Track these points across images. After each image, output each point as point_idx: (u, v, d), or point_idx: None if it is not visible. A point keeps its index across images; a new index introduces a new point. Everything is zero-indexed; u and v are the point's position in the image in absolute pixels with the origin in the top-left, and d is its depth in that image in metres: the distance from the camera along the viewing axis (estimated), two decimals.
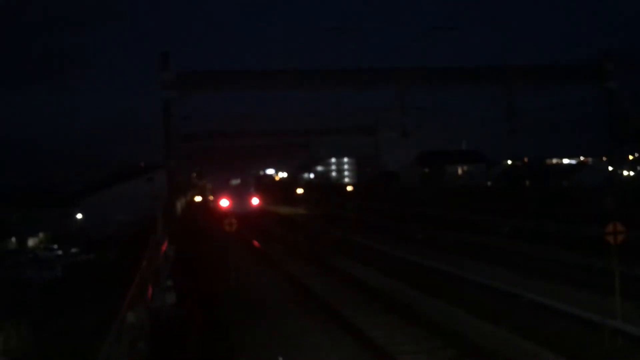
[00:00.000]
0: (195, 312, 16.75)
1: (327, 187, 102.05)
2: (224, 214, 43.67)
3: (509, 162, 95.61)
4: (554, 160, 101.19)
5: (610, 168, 44.35)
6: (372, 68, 36.83)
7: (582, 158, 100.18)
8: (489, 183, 78.48)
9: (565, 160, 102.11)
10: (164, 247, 26.15)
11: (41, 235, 51.54)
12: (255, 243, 34.49)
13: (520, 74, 36.41)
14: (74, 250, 45.24)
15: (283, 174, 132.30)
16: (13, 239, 49.29)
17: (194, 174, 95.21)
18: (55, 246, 46.43)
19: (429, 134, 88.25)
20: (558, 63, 37.94)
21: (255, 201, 52.45)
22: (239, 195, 53.12)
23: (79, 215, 54.59)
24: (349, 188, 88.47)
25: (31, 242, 50.30)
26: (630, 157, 73.59)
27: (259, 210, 52.10)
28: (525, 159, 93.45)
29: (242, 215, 40.49)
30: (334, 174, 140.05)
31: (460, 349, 12.72)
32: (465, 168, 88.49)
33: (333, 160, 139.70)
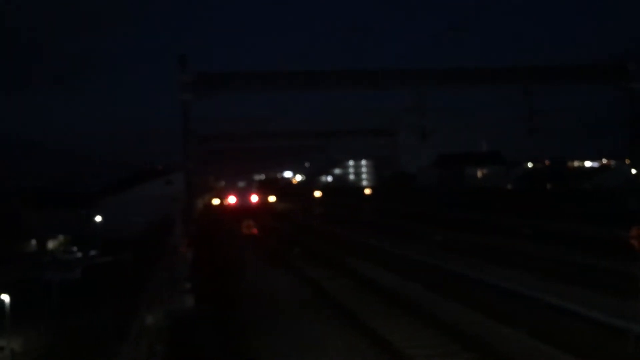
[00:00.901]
0: (212, 314, 16.72)
1: (344, 190, 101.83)
2: (234, 210, 55.37)
3: (530, 164, 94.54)
4: (576, 163, 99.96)
5: (633, 170, 43.64)
6: (389, 69, 36.66)
7: (604, 160, 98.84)
8: (509, 185, 77.67)
9: (587, 163, 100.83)
10: (182, 249, 26.21)
11: (61, 237, 51.99)
12: (272, 245, 34.44)
13: (539, 74, 35.96)
14: (92, 252, 45.57)
15: (300, 177, 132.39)
16: (33, 241, 49.78)
17: (212, 177, 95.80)
18: (75, 248, 46.80)
19: (448, 135, 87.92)
20: (579, 63, 37.29)
21: (254, 198, 64.30)
22: (243, 194, 65.85)
23: (99, 217, 54.99)
24: (367, 191, 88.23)
25: (51, 244, 50.76)
26: None
27: (257, 206, 62.98)
28: (547, 161, 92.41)
29: (258, 215, 43.56)
30: (351, 176, 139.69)
31: (479, 353, 12.53)
32: (484, 170, 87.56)
33: (351, 162, 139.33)
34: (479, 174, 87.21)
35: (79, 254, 45.25)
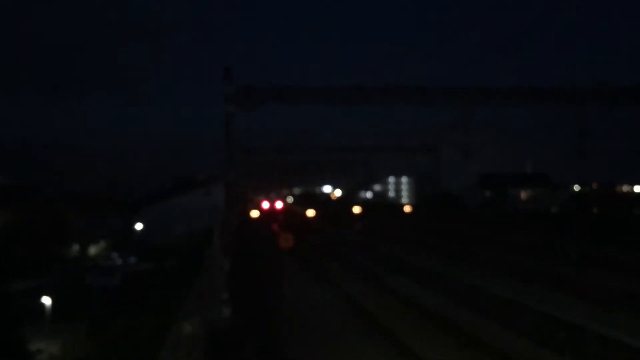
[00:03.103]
0: (249, 326, 16.57)
1: (384, 207, 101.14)
2: (264, 214, 69.35)
3: (577, 187, 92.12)
4: (625, 188, 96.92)
5: None
6: (434, 85, 36.25)
7: None
8: (553, 208, 75.85)
9: (638, 188, 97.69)
10: (220, 259, 26.20)
11: (102, 243, 52.83)
12: (310, 260, 34.24)
13: (591, 94, 34.99)
14: (132, 259, 46.17)
15: (340, 192, 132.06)
16: (76, 246, 50.69)
17: (251, 189, 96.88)
18: (116, 254, 47.49)
19: (493, 154, 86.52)
20: (633, 83, 36.14)
21: (279, 205, 79.72)
22: (272, 202, 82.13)
23: (139, 225, 55.75)
24: (407, 208, 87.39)
25: (92, 249, 51.60)
26: None
27: (282, 210, 77.33)
28: (594, 185, 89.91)
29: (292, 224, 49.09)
30: (391, 193, 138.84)
31: None
32: (529, 192, 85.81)
33: (391, 179, 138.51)
34: (523, 195, 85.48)
35: (119, 261, 45.89)
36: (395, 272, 28.29)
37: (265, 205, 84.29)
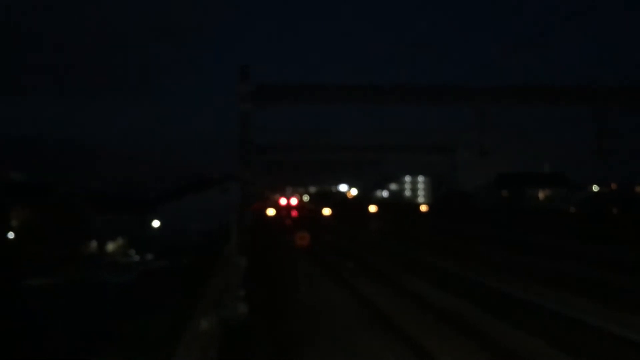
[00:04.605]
0: (265, 324, 16.65)
1: (400, 206, 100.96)
2: (281, 209, 75.38)
3: (596, 187, 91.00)
4: None
5: None
6: (451, 85, 35.89)
7: None
8: (572, 208, 75.08)
9: None
10: (236, 257, 26.30)
11: (120, 240, 53.35)
12: (325, 259, 34.26)
13: (610, 94, 34.48)
14: (149, 256, 46.61)
15: (356, 191, 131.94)
16: (94, 243, 51.23)
17: (268, 187, 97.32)
18: (133, 251, 47.99)
19: (510, 154, 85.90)
20: None
21: (293, 201, 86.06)
22: (288, 199, 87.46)
23: (156, 222, 56.18)
24: (423, 207, 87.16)
25: (110, 246, 52.12)
26: None
27: (298, 207, 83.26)
28: (613, 185, 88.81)
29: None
30: (407, 192, 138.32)
31: None
32: (546, 192, 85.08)
33: (407, 178, 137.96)
34: (541, 195, 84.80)
35: (137, 257, 46.36)
36: (411, 273, 28.23)
37: (282, 201, 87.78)
